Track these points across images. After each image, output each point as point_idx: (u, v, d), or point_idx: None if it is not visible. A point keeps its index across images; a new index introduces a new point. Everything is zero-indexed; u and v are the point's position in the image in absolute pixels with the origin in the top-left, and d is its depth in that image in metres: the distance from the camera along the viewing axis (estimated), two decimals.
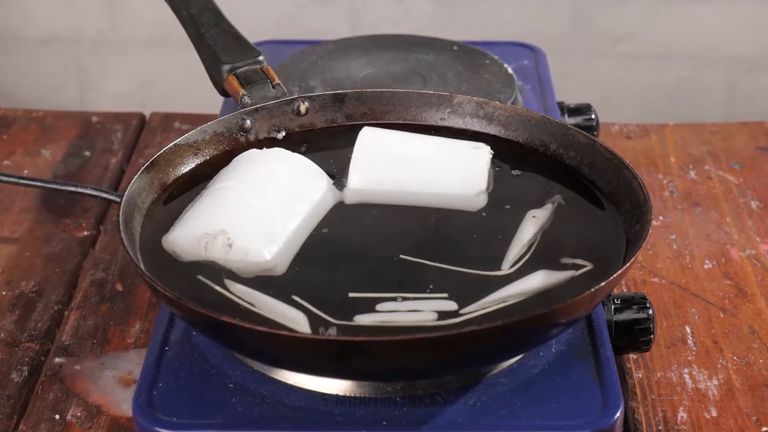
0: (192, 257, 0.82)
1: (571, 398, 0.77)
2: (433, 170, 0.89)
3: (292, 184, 0.86)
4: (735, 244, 1.08)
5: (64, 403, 0.90)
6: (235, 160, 0.89)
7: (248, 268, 0.80)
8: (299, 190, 0.86)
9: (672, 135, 1.27)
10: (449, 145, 0.91)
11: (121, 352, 0.95)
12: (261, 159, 0.88)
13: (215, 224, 0.81)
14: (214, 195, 0.85)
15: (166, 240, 0.83)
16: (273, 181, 0.86)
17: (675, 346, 0.95)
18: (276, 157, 0.89)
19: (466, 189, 0.88)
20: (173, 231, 0.83)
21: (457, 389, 0.78)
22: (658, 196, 1.15)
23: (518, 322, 0.72)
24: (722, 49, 1.54)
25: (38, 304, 1.00)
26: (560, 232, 0.85)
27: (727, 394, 0.90)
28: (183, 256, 0.82)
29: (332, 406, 0.77)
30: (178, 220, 0.84)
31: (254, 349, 0.77)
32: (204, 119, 1.00)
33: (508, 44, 1.26)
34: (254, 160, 0.88)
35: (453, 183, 0.88)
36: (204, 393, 0.78)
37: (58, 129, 1.28)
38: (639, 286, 1.03)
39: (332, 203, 0.88)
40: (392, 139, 0.91)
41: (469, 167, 0.89)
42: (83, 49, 1.58)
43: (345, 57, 1.17)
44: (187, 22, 1.02)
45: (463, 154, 0.90)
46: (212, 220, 0.82)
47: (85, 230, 1.10)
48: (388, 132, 0.92)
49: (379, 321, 0.76)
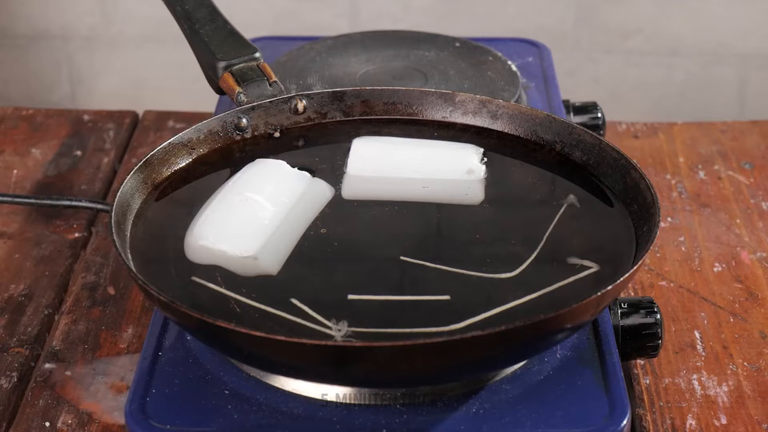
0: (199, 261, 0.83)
1: (576, 405, 0.77)
2: (427, 159, 0.92)
3: (270, 185, 0.87)
4: (745, 246, 1.08)
5: (54, 410, 0.90)
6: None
7: (238, 264, 0.81)
8: (279, 188, 0.87)
9: (681, 134, 1.27)
10: (440, 144, 0.94)
11: (113, 358, 0.95)
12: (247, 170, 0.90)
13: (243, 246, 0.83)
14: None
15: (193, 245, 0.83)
16: (249, 185, 0.88)
17: (683, 352, 0.95)
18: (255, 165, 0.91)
19: (458, 170, 0.91)
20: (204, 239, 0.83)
21: (459, 396, 0.78)
22: (666, 197, 1.15)
23: (522, 327, 0.72)
24: (733, 45, 1.54)
25: (28, 308, 1.00)
26: (567, 232, 0.85)
27: (737, 401, 0.90)
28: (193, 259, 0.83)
29: (331, 413, 0.77)
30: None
31: (251, 354, 0.77)
32: (198, 118, 1.01)
33: (512, 40, 1.26)
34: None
35: (446, 167, 0.92)
36: (199, 400, 0.78)
37: (49, 128, 1.28)
38: (646, 289, 1.03)
39: (327, 198, 0.88)
40: (386, 140, 0.95)
41: (462, 155, 0.92)
42: (74, 45, 1.58)
43: (344, 53, 1.17)
44: (182, 17, 1.03)
45: (455, 150, 0.93)
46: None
47: (76, 232, 1.10)
48: (381, 138, 0.95)
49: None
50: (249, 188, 0.87)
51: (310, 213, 0.87)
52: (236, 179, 0.89)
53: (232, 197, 0.86)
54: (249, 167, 0.90)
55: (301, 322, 0.77)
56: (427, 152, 0.93)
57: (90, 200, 0.87)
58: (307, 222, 0.86)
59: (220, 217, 0.84)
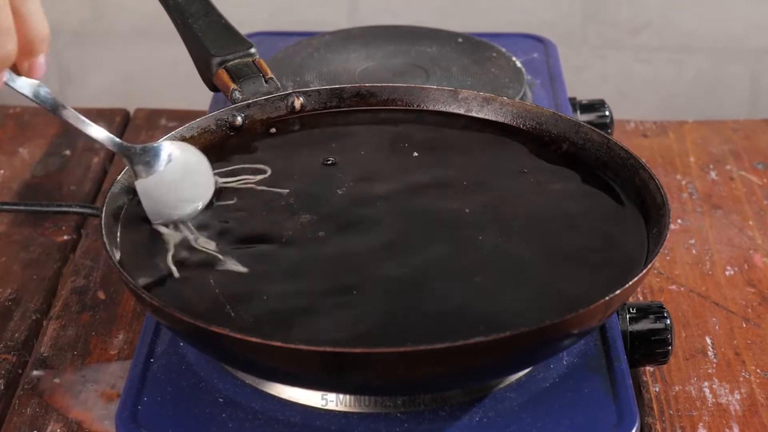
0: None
1: (583, 414, 0.78)
2: None
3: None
4: (758, 249, 1.08)
5: (42, 418, 0.90)
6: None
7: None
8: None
9: (691, 133, 1.27)
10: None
11: (103, 365, 0.95)
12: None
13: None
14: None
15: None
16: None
17: (694, 358, 0.95)
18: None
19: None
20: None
21: (463, 404, 0.78)
22: (676, 198, 1.15)
23: (527, 333, 0.72)
24: (746, 41, 1.54)
25: (15, 313, 1.00)
26: (574, 234, 0.85)
27: (749, 410, 0.90)
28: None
29: (329, 421, 0.77)
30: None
31: (246, 361, 0.77)
32: (192, 116, 1.01)
33: (517, 36, 1.26)
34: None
35: None
36: (192, 408, 0.78)
37: (37, 126, 1.28)
38: (656, 294, 1.03)
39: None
40: None
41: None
42: (64, 41, 1.58)
43: (342, 49, 1.17)
44: (174, 12, 1.03)
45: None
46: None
47: (65, 234, 1.10)
48: None
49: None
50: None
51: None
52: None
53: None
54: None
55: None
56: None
57: (79, 205, 0.87)
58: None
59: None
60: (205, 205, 0.87)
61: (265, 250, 0.83)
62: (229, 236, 0.85)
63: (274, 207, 0.88)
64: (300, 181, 0.91)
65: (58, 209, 0.89)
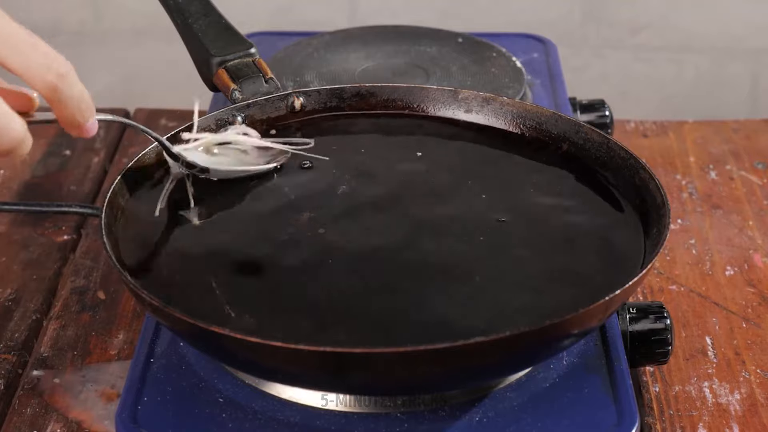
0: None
1: (583, 414, 0.78)
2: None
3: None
4: (758, 249, 1.08)
5: (42, 418, 0.90)
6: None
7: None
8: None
9: (691, 133, 1.27)
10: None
11: (103, 365, 0.95)
12: None
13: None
14: None
15: None
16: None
17: (694, 359, 0.95)
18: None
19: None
20: None
21: (462, 404, 0.78)
22: (676, 198, 1.16)
23: (527, 333, 0.72)
24: (746, 41, 1.54)
25: (15, 313, 1.00)
26: (573, 234, 0.85)
27: (750, 410, 0.90)
28: None
29: (329, 421, 0.77)
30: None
31: (246, 361, 0.77)
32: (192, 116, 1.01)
33: (517, 36, 1.26)
34: None
35: None
36: (192, 408, 0.79)
37: (37, 126, 1.27)
38: (656, 294, 1.03)
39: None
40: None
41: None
42: (63, 41, 1.58)
43: (342, 49, 1.17)
44: (174, 11, 1.03)
45: None
46: None
47: (65, 234, 1.10)
48: None
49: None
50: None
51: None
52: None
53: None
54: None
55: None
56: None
57: (79, 205, 0.87)
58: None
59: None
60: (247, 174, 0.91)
61: (265, 249, 0.84)
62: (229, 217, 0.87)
63: (276, 206, 0.88)
64: (301, 181, 0.91)
65: (58, 209, 0.89)
